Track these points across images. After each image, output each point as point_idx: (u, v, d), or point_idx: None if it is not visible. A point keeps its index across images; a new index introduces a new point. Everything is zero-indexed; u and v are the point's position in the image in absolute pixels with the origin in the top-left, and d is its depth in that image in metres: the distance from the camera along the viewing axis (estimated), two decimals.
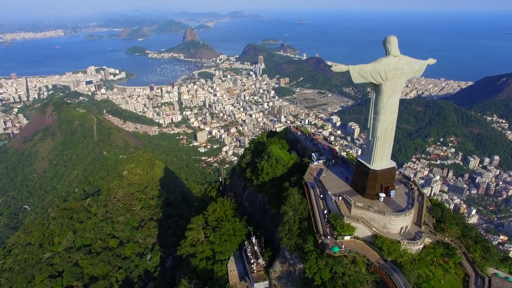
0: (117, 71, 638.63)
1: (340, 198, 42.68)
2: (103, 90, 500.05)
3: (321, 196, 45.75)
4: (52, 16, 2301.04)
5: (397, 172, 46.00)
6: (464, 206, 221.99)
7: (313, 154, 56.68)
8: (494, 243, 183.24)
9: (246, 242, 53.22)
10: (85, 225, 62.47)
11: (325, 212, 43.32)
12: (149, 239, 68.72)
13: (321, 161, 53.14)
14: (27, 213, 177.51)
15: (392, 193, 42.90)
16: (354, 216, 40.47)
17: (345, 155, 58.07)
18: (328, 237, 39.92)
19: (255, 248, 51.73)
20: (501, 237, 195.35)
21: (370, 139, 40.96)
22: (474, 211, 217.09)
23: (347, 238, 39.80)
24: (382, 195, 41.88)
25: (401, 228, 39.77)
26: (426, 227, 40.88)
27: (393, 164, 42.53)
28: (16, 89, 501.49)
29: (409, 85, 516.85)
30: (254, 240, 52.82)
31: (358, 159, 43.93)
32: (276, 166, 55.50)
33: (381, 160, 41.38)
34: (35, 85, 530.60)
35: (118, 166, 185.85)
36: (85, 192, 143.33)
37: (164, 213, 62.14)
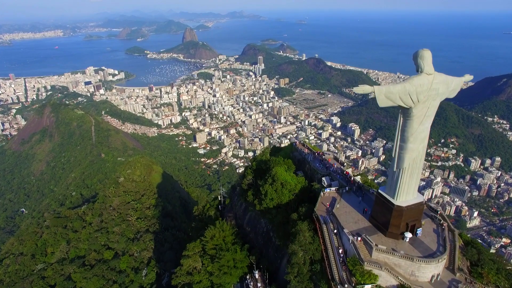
0: (116, 72, 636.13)
1: (359, 238, 36.41)
2: (102, 91, 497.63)
3: (335, 231, 39.63)
4: (51, 16, 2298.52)
5: None
6: (466, 208, 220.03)
7: (323, 178, 50.58)
8: (496, 246, 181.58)
9: (248, 276, 48.70)
10: (79, 235, 60.28)
11: (341, 251, 37.46)
12: (145, 253, 65.83)
13: (333, 188, 47.08)
14: (24, 216, 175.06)
15: (419, 231, 37.01)
16: (376, 260, 34.34)
17: (359, 180, 50.27)
18: (346, 285, 33.69)
19: (258, 284, 47.00)
20: (504, 239, 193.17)
21: (394, 170, 34.89)
22: (475, 213, 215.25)
23: (368, 287, 33.34)
24: (408, 234, 35.99)
25: (432, 276, 33.76)
26: (461, 273, 34.38)
27: (420, 198, 36.46)
28: (14, 90, 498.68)
29: None
30: (257, 275, 48.08)
31: (380, 191, 37.82)
32: (282, 192, 49.40)
33: (407, 194, 35.34)
34: (34, 85, 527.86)
35: (116, 168, 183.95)
36: (82, 196, 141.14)
37: (160, 225, 59.88)
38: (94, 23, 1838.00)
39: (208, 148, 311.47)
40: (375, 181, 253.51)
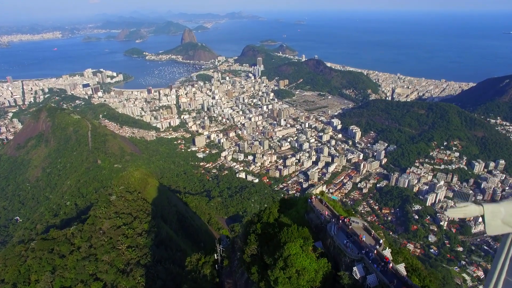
0: (115, 74, 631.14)
1: None
2: (100, 94, 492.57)
3: None
4: (50, 17, 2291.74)
5: None
6: None
7: (355, 269, 34.33)
8: None
9: None
10: (66, 261, 55.71)
11: None
12: None
13: (372, 286, 32.15)
14: (18, 225, 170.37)
15: None
16: None
17: (407, 278, 32.51)
18: None
19: None
20: None
21: None
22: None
23: None
24: None
25: None
26: None
27: None
28: (11, 93, 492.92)
29: (410, 87, 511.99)
30: None
31: None
32: (298, 282, 35.37)
33: None
34: (31, 88, 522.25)
35: (112, 176, 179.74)
36: (76, 206, 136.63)
37: (153, 256, 55.47)
38: (92, 25, 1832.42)
39: (207, 152, 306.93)
40: (377, 185, 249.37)
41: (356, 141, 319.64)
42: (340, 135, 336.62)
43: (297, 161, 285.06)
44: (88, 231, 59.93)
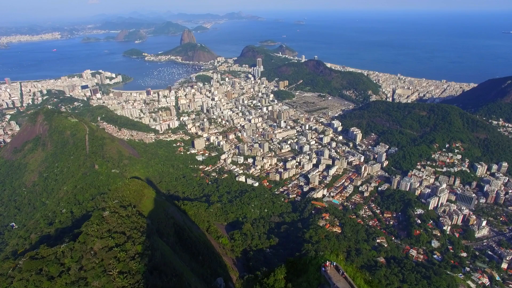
0: (114, 75, 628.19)
1: None
2: (98, 95, 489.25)
3: None
4: (49, 18, 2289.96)
5: None
6: (474, 217, 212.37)
7: None
8: (507, 258, 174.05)
9: None
10: (54, 285, 52.54)
11: None
12: None
13: None
14: (13, 232, 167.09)
15: None
16: None
17: None
18: None
19: None
20: None
21: None
22: (484, 223, 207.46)
23: None
24: None
25: None
26: None
27: None
28: (10, 95, 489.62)
29: (410, 87, 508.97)
30: None
31: None
32: None
33: None
34: (30, 90, 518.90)
35: (110, 181, 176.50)
36: (72, 214, 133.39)
37: (146, 283, 52.19)
38: (92, 25, 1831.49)
39: (206, 154, 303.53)
40: (379, 188, 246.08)
41: (357, 143, 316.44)
42: (340, 137, 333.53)
43: (297, 164, 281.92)
44: (79, 250, 56.64)
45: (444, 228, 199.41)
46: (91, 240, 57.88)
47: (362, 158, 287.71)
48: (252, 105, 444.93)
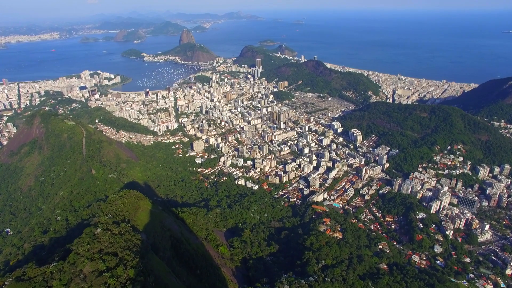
0: (112, 76, 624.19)
1: None
2: (97, 96, 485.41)
3: None
4: (48, 18, 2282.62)
5: None
6: (477, 221, 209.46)
7: None
8: (511, 264, 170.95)
9: None
10: None
11: None
12: None
13: None
14: (8, 238, 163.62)
15: None
16: None
17: None
18: None
19: None
20: None
21: None
22: (487, 227, 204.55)
23: None
24: None
25: None
26: None
27: None
28: (7, 96, 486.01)
29: (411, 88, 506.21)
30: None
31: None
32: None
33: None
34: (27, 91, 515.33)
35: (107, 187, 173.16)
36: (67, 222, 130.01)
37: None
38: (90, 25, 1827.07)
39: (205, 156, 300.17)
40: (380, 191, 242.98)
41: (357, 145, 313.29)
42: (341, 139, 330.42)
43: (297, 166, 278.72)
44: (68, 272, 53.35)
45: (446, 232, 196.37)
46: (81, 262, 54.69)
47: (363, 160, 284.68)
48: (251, 106, 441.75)
